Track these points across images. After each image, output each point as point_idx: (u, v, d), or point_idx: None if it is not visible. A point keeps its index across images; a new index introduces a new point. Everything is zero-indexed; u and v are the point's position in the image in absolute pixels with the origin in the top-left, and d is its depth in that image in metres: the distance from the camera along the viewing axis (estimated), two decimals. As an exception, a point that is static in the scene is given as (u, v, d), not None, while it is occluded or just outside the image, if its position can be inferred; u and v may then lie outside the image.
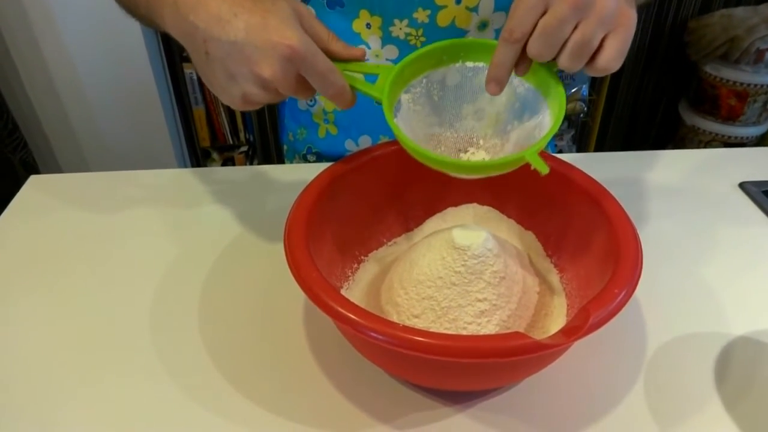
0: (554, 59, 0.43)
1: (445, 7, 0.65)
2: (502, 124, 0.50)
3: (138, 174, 0.76)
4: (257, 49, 0.43)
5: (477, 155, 0.49)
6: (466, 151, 0.50)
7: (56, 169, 1.78)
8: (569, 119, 1.88)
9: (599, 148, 2.14)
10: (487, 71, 0.46)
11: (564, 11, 0.40)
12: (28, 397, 0.48)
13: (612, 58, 0.41)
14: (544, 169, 0.42)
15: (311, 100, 0.77)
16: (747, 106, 1.80)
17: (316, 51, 0.44)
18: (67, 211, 0.69)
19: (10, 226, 0.67)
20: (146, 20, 0.52)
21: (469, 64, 0.49)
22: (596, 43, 0.41)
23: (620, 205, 0.49)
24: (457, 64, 0.49)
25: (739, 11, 1.76)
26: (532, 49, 0.43)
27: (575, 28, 0.41)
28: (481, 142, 0.51)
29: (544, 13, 0.42)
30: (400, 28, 0.67)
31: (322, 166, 0.54)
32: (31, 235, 0.65)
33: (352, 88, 0.48)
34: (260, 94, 0.45)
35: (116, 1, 0.58)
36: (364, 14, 0.67)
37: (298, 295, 0.53)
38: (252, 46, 0.43)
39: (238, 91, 0.45)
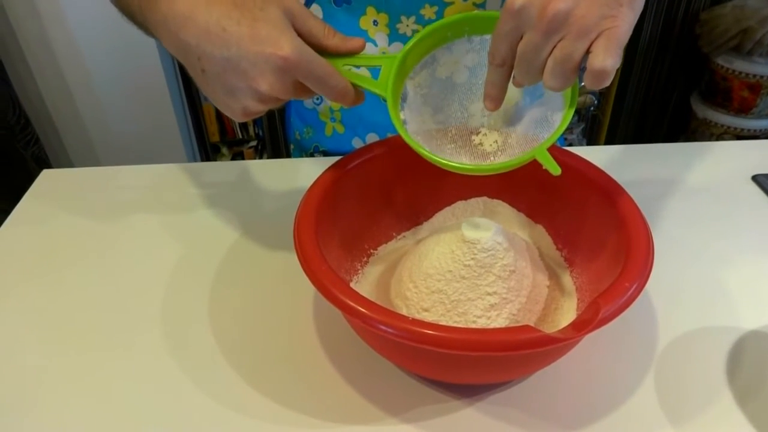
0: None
1: (452, 3, 0.65)
2: (514, 106, 0.49)
3: (147, 168, 0.76)
4: (251, 63, 0.42)
5: (489, 137, 0.48)
6: (477, 133, 0.49)
7: (67, 163, 1.80)
8: (579, 112, 1.87)
9: (610, 141, 2.13)
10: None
11: (536, 39, 0.40)
12: (39, 387, 0.49)
13: (602, 58, 0.38)
14: (555, 169, 0.41)
15: (317, 99, 0.77)
16: (760, 98, 1.78)
17: (311, 57, 0.43)
18: (79, 204, 0.70)
19: (23, 219, 0.68)
20: (146, 32, 0.52)
21: (476, 37, 0.47)
22: (578, 57, 0.39)
23: (631, 199, 0.49)
24: (463, 39, 0.47)
25: (752, 2, 1.73)
26: (516, 76, 0.43)
27: (555, 46, 0.40)
28: (492, 122, 0.49)
29: (522, 37, 0.41)
30: (407, 25, 0.67)
31: (330, 161, 0.54)
32: (44, 228, 0.66)
33: (355, 86, 0.47)
34: (260, 106, 0.45)
35: (119, 9, 0.55)
36: (371, 11, 0.67)
37: (308, 288, 0.53)
38: (245, 61, 0.42)
39: (238, 105, 0.45)
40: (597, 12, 0.39)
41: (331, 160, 0.54)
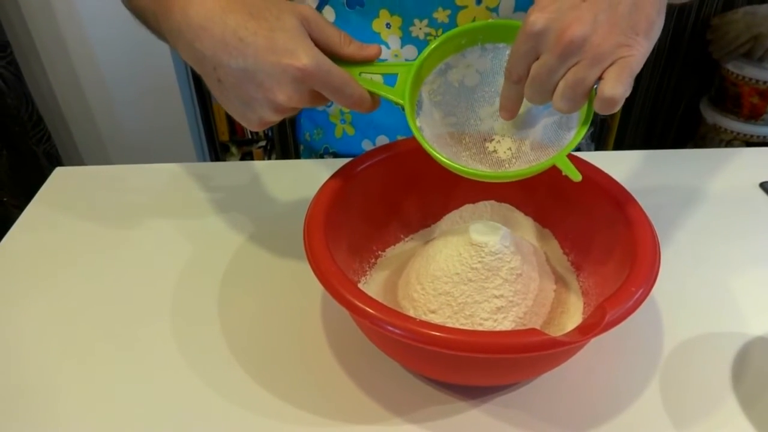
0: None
1: (465, 7, 0.65)
2: (527, 112, 0.48)
3: (158, 167, 0.77)
4: (268, 74, 0.42)
5: (503, 144, 0.48)
6: (491, 140, 0.49)
7: (78, 160, 1.81)
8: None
9: (618, 146, 2.12)
10: (508, 55, 0.45)
11: (551, 61, 0.40)
12: (50, 384, 0.49)
13: (612, 86, 0.39)
14: (576, 176, 0.42)
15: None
16: (770, 105, 1.77)
17: (329, 67, 0.43)
18: (91, 203, 0.70)
19: (36, 217, 0.69)
20: (161, 39, 0.52)
21: (489, 45, 0.47)
22: (590, 83, 0.40)
23: (639, 204, 0.49)
24: (476, 47, 0.48)
25: (764, 9, 1.72)
26: (526, 94, 0.43)
27: (569, 70, 0.40)
28: (506, 126, 0.49)
29: (538, 56, 0.41)
30: (420, 28, 0.67)
31: (340, 163, 0.54)
32: (55, 227, 0.67)
33: (371, 93, 0.47)
34: (276, 116, 0.45)
35: (133, 15, 0.56)
36: (384, 14, 0.67)
37: (317, 289, 0.54)
38: (262, 72, 0.42)
39: (255, 116, 0.45)
40: (613, 40, 0.39)
41: (341, 162, 0.55)
